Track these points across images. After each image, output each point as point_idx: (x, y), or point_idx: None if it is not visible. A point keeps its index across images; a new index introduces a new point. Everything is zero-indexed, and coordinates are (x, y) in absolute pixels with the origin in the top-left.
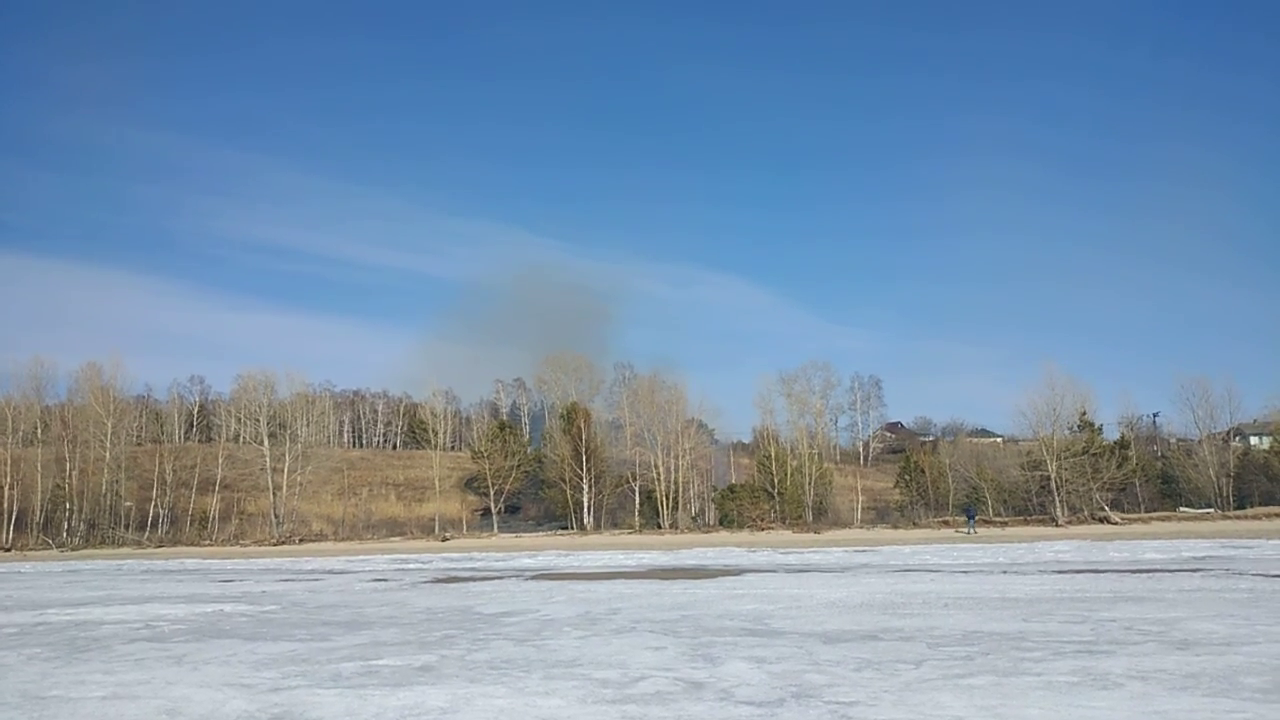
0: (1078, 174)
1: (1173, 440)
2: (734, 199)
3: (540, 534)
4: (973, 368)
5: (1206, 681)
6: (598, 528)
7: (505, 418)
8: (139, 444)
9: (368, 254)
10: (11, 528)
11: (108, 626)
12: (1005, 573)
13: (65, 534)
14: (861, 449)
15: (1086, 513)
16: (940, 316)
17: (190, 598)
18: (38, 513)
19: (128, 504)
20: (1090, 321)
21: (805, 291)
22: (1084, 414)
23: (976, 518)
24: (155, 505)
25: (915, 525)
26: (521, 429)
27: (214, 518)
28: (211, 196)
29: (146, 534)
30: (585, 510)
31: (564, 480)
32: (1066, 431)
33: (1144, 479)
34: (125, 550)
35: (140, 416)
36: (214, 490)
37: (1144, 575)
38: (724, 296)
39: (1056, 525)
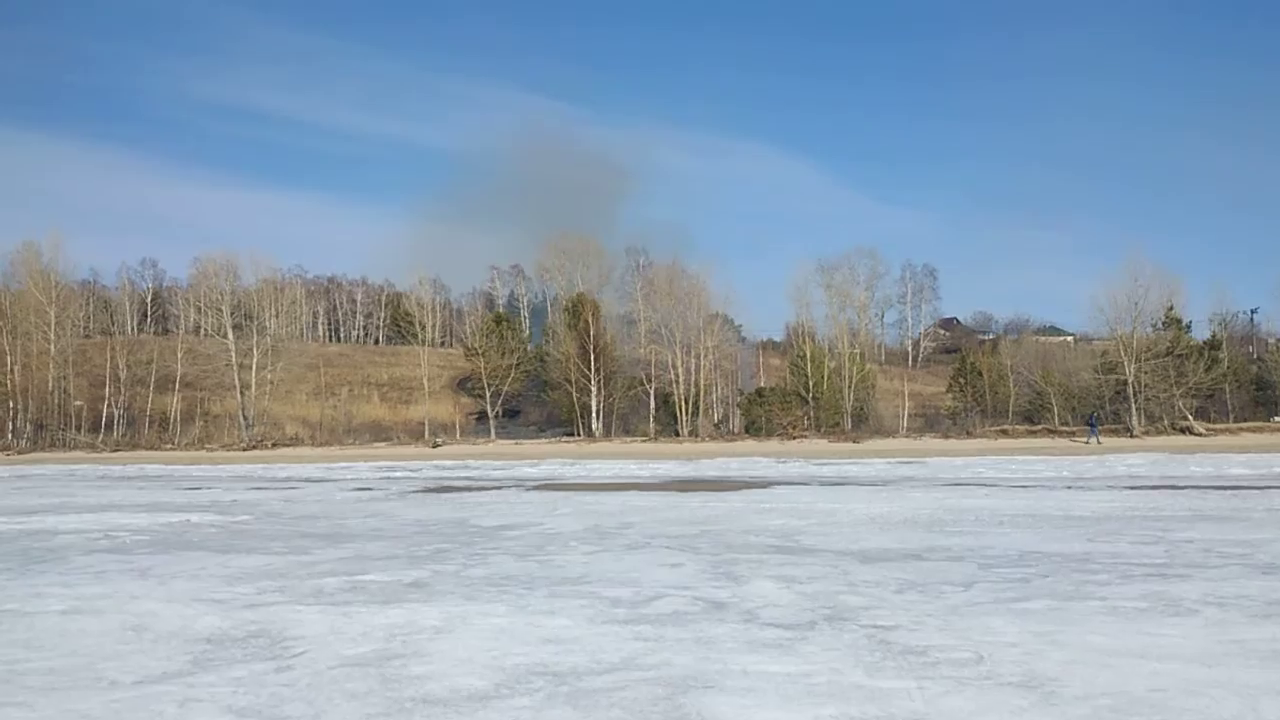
0: (1172, 54)
1: (1271, 341)
2: (776, 65)
3: (542, 441)
4: (1042, 256)
5: None
6: (607, 435)
7: (502, 310)
8: (87, 336)
9: (350, 119)
10: None
11: (63, 536)
12: (1070, 488)
13: (10, 436)
14: (910, 348)
15: (1167, 422)
16: (1007, 199)
17: (153, 506)
18: None
19: (78, 403)
20: (1182, 212)
21: (853, 166)
22: (1171, 309)
23: (1100, 427)
24: (109, 404)
25: (969, 435)
26: (521, 323)
27: (175, 419)
28: (184, 55)
29: (101, 436)
30: (593, 415)
31: (569, 381)
32: (1149, 329)
33: (1235, 385)
34: (78, 454)
35: (87, 304)
36: (174, 388)
37: (1228, 492)
38: (759, 170)
39: (1131, 436)
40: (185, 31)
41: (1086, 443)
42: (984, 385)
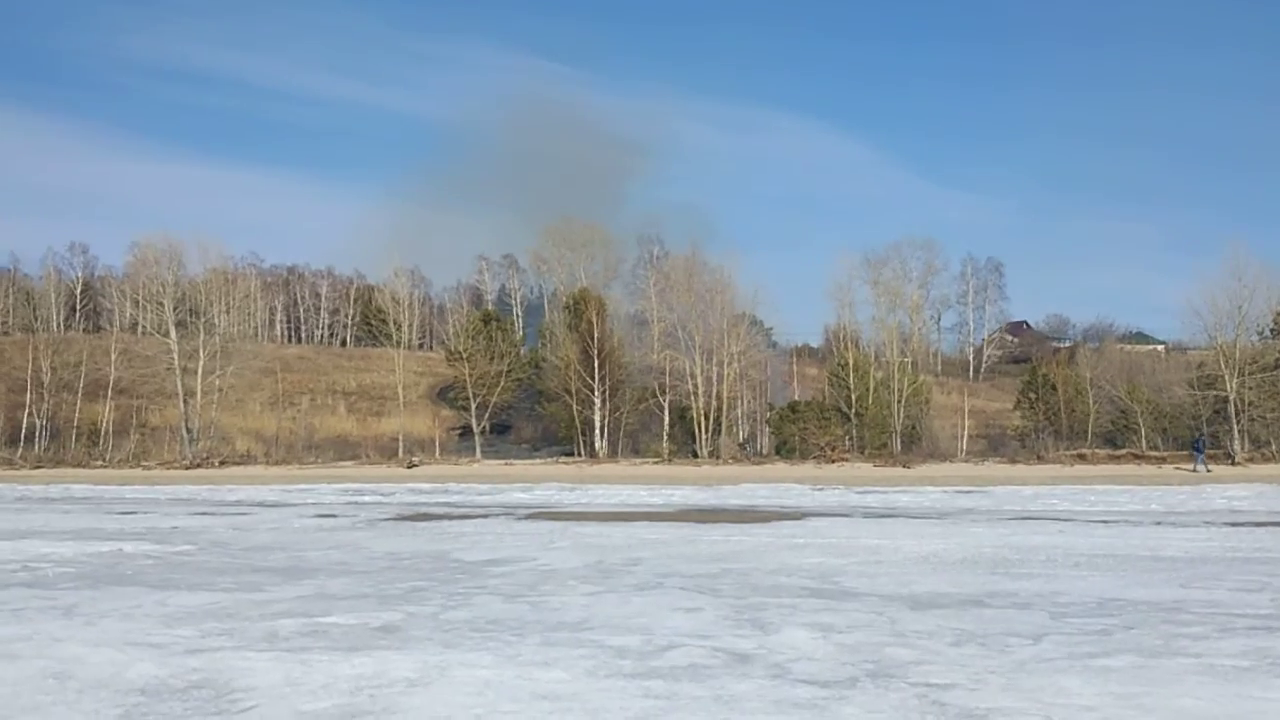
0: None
1: None
2: (815, 25)
3: (537, 461)
4: (1128, 251)
5: None
6: (613, 455)
7: (491, 307)
8: (5, 333)
9: (313, 83)
10: None
11: None
12: (1159, 524)
13: None
14: (972, 357)
15: (1275, 447)
16: (1086, 183)
17: (80, 533)
18: None
19: None
20: None
21: (905, 142)
22: None
23: (1207, 452)
24: (30, 414)
25: (1040, 459)
26: (513, 322)
27: (107, 431)
28: (114, 4)
29: (20, 451)
30: (597, 432)
31: (569, 392)
32: (1254, 338)
33: None
34: None
35: (5, 296)
36: (106, 395)
37: None
38: (794, 146)
39: (1233, 463)
40: None
41: (1194, 470)
42: (1058, 401)
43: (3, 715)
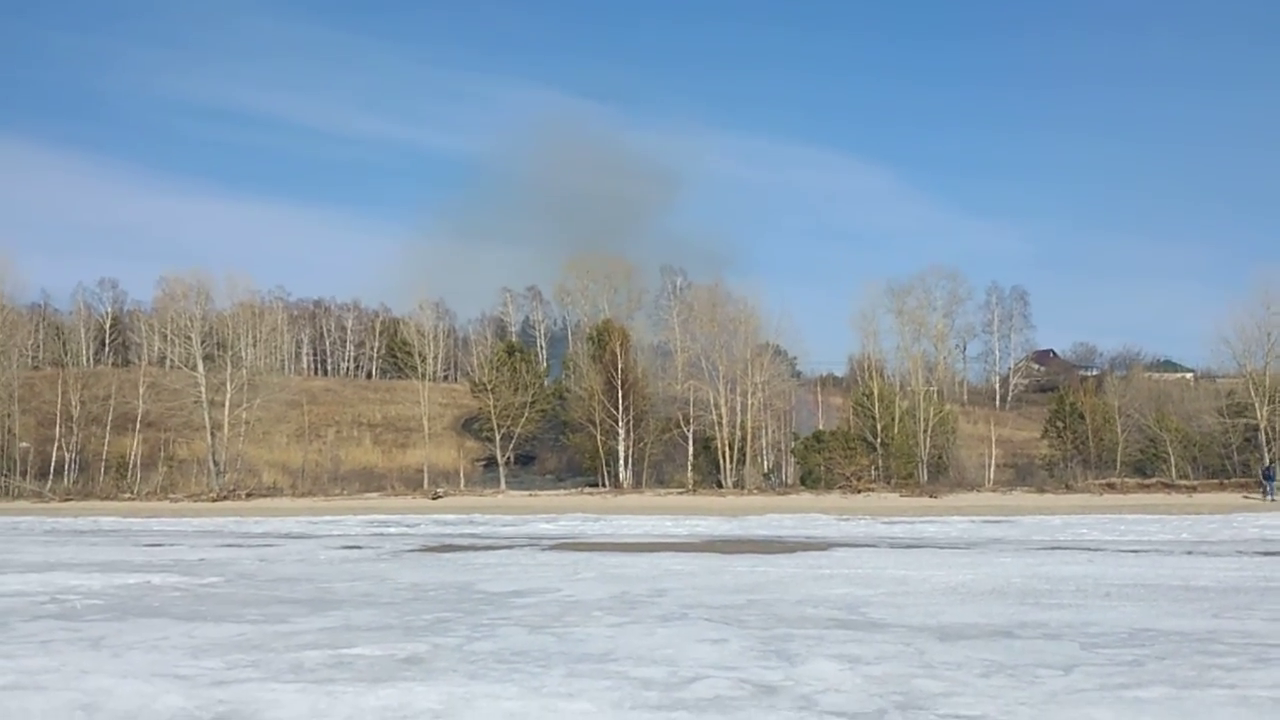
0: None
1: None
2: (841, 62)
3: (562, 492)
4: (1154, 279)
5: None
6: (637, 485)
7: (515, 339)
8: (35, 367)
9: (341, 119)
10: None
11: (4, 600)
12: (1190, 553)
13: None
14: (998, 386)
15: None
16: (1111, 211)
17: (108, 565)
18: None
19: (24, 445)
20: None
21: (929, 174)
22: None
23: (1278, 479)
24: (59, 447)
25: (1068, 489)
26: (537, 354)
27: (135, 464)
28: (151, 47)
29: (49, 484)
30: (621, 462)
31: (593, 422)
32: None
33: None
34: (22, 504)
35: (37, 331)
36: (134, 429)
37: None
38: (818, 178)
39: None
40: (153, 21)
41: (1266, 499)
42: (1086, 430)
43: None
